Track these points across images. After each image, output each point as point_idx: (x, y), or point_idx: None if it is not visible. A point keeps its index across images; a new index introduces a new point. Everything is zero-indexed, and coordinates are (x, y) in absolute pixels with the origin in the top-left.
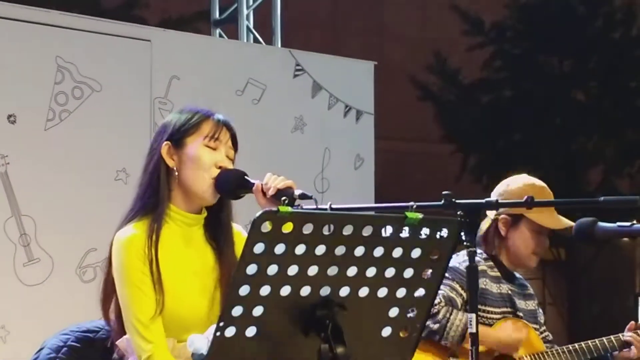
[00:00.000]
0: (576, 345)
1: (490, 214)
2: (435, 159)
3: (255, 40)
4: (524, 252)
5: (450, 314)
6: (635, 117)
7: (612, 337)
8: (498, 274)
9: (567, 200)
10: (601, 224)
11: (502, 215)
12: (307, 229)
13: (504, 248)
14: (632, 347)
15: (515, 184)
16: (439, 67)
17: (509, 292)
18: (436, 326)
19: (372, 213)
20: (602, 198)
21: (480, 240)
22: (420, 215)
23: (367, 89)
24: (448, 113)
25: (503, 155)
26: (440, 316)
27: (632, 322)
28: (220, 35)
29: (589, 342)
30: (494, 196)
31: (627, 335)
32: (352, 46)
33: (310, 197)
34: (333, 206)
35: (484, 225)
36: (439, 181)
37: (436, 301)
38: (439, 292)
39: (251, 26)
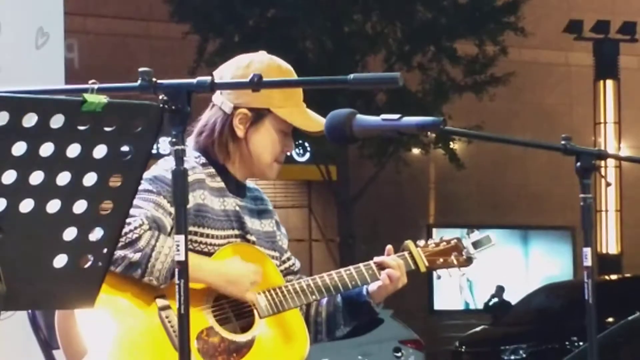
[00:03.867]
0: (322, 277)
1: (220, 103)
2: (162, 43)
3: None
4: (265, 159)
5: (157, 240)
6: None
7: (362, 264)
8: (222, 184)
9: (309, 79)
10: (361, 116)
11: (240, 109)
12: None
13: (239, 152)
14: (385, 272)
15: (259, 63)
16: None
17: (236, 208)
18: (137, 256)
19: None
20: (351, 76)
21: (206, 140)
22: (104, 99)
23: None
24: None
25: (253, 38)
26: (142, 243)
27: (390, 247)
28: None
29: (342, 271)
30: (225, 77)
31: (382, 257)
32: None
33: None
34: None
35: (209, 118)
36: (168, 73)
37: (136, 224)
38: (140, 211)
39: None
